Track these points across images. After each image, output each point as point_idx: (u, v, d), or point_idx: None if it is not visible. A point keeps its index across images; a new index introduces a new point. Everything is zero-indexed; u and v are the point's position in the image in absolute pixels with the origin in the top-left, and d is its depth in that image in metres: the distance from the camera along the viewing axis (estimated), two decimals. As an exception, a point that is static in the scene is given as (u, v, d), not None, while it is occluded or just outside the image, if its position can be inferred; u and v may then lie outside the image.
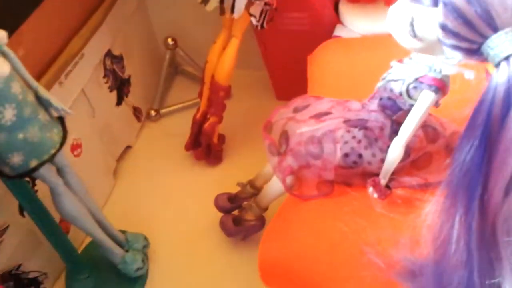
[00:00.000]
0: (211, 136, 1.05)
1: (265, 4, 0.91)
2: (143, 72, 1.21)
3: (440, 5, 0.45)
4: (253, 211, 0.85)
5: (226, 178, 1.08)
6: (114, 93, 1.09)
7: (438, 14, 0.46)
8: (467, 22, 0.44)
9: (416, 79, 0.59)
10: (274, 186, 0.78)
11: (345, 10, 0.99)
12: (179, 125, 1.21)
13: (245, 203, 0.87)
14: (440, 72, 0.57)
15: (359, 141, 0.67)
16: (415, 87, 0.59)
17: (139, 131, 1.20)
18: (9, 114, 0.60)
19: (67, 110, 0.68)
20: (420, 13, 0.49)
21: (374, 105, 0.65)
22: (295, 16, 1.00)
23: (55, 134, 0.67)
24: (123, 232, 0.93)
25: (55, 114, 0.69)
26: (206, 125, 1.04)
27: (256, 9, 0.91)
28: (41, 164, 0.66)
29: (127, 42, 1.13)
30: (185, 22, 1.22)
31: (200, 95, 1.06)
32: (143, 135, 1.21)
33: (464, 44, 0.46)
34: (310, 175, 0.68)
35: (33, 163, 0.65)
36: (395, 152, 0.62)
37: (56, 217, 0.82)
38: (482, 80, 0.68)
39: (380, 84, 0.65)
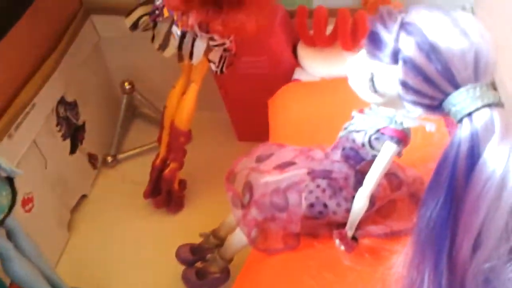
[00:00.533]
0: (172, 183, 1.02)
1: (224, 50, 0.90)
2: (99, 117, 1.17)
3: (400, 62, 0.46)
4: (217, 263, 0.82)
5: (188, 226, 1.04)
6: (68, 141, 1.04)
7: (398, 71, 0.46)
8: (427, 79, 0.44)
9: (378, 130, 0.59)
10: (239, 237, 0.75)
11: (303, 53, 0.99)
12: (137, 171, 1.17)
13: (209, 255, 0.83)
14: (402, 124, 0.57)
15: (324, 190, 0.65)
16: (377, 138, 0.59)
17: (94, 179, 1.15)
18: None
19: (16, 171, 0.64)
20: (379, 70, 0.49)
21: (337, 155, 0.64)
22: (253, 60, 1.00)
23: (4, 197, 0.63)
24: None
25: (2, 174, 0.64)
26: (166, 171, 1.01)
27: (215, 55, 0.89)
28: None
29: (81, 88, 1.09)
30: (141, 65, 1.20)
31: (159, 140, 1.03)
32: (99, 182, 1.16)
33: (425, 101, 0.46)
34: (275, 227, 0.66)
35: None
36: (361, 202, 0.61)
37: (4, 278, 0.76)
38: (443, 132, 0.69)
39: (342, 133, 0.65)
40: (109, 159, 1.17)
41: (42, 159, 0.95)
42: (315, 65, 0.97)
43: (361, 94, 0.54)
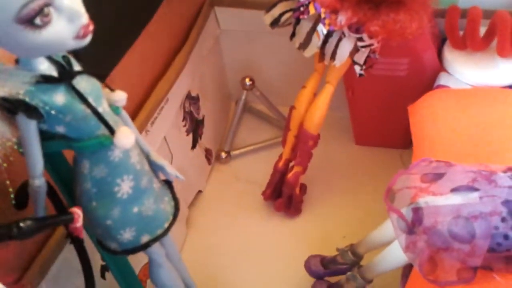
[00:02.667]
0: (294, 187, 0.97)
1: (371, 51, 0.83)
2: (214, 112, 1.14)
3: None
4: (356, 282, 0.77)
5: (308, 232, 1.00)
6: (190, 136, 1.02)
7: None
8: None
9: None
10: (391, 260, 0.70)
11: (451, 57, 0.91)
12: (250, 169, 1.14)
13: (348, 273, 0.78)
14: None
15: (504, 219, 0.58)
16: None
17: (209, 174, 1.13)
18: (126, 186, 0.54)
19: (180, 176, 0.61)
20: None
21: (533, 184, 0.57)
22: (393, 62, 0.93)
23: (167, 203, 0.60)
24: None
25: (162, 177, 0.62)
26: (290, 175, 0.96)
27: (361, 57, 0.83)
28: (154, 240, 0.58)
29: (203, 82, 1.06)
30: (258, 61, 1.16)
31: (284, 142, 0.98)
32: (212, 178, 1.13)
33: None
34: (449, 259, 0.60)
35: (145, 238, 0.58)
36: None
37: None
38: None
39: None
40: (223, 154, 1.14)
41: (169, 154, 0.93)
42: (465, 71, 0.88)
43: None
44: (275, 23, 0.87)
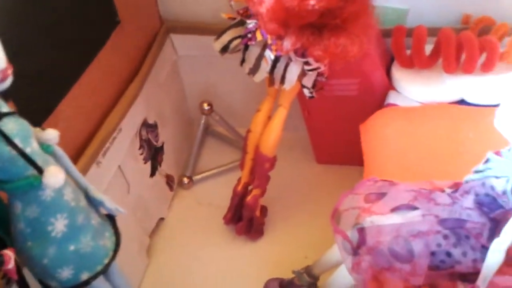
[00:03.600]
0: (255, 210, 0.98)
1: (318, 74, 0.84)
2: (175, 138, 1.14)
3: None
4: (313, 304, 0.77)
5: (270, 254, 1.00)
6: (148, 164, 1.01)
7: None
8: None
9: (525, 178, 0.52)
10: (341, 281, 0.70)
11: (399, 75, 0.93)
12: (213, 193, 1.14)
13: (303, 295, 0.78)
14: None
15: (446, 237, 0.59)
16: (523, 187, 0.52)
17: (171, 201, 1.13)
18: (61, 225, 0.53)
19: (120, 210, 0.61)
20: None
21: (468, 201, 0.58)
22: (344, 83, 0.94)
23: (107, 239, 0.60)
24: None
25: (103, 211, 0.62)
26: (249, 198, 0.97)
27: (309, 80, 0.84)
28: (94, 277, 0.58)
29: (160, 109, 1.07)
30: (217, 85, 1.17)
31: (242, 165, 0.98)
32: (175, 205, 1.13)
33: None
34: (393, 278, 0.60)
35: (84, 276, 0.57)
36: (498, 256, 0.54)
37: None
38: None
39: (473, 177, 0.58)
40: (186, 180, 1.14)
41: (125, 184, 0.92)
42: (413, 89, 0.90)
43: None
44: (224, 49, 0.88)
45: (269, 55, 0.82)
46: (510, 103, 0.47)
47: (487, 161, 0.57)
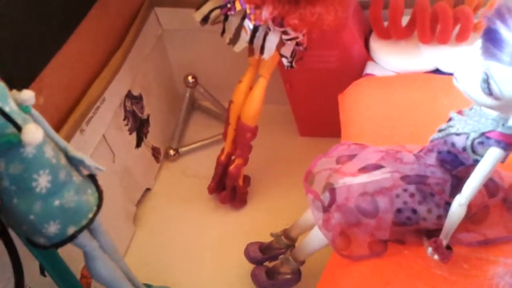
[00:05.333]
0: (237, 179, 1.00)
1: (297, 44, 0.86)
2: (161, 111, 1.16)
3: (528, 64, 0.41)
4: (290, 264, 0.80)
5: (251, 222, 1.03)
6: (134, 135, 1.04)
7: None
8: None
9: (483, 134, 0.54)
10: (315, 239, 0.73)
11: (376, 46, 0.95)
12: (199, 165, 1.16)
13: (281, 256, 0.81)
14: (511, 128, 0.52)
15: (412, 195, 0.62)
16: (481, 143, 0.55)
17: (157, 172, 1.15)
18: (44, 181, 0.56)
19: (100, 168, 0.64)
20: (497, 71, 0.45)
21: (431, 159, 0.61)
22: (323, 54, 0.96)
23: (90, 195, 0.62)
24: (148, 286, 0.87)
25: (85, 172, 0.64)
26: (232, 167, 0.99)
27: (287, 50, 0.86)
28: (80, 230, 0.61)
29: (146, 81, 1.09)
30: (203, 59, 1.19)
31: (225, 136, 1.01)
32: (162, 176, 1.16)
33: None
34: (361, 233, 0.63)
35: (71, 230, 0.60)
36: (459, 211, 0.57)
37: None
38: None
39: (437, 136, 0.61)
40: (172, 152, 1.16)
41: (110, 153, 0.95)
42: (390, 59, 0.92)
43: (470, 96, 0.50)
44: (205, 20, 0.90)
45: (248, 24, 0.84)
46: (466, 61, 0.49)
47: (450, 120, 0.60)
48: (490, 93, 0.46)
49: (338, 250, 0.63)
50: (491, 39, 0.44)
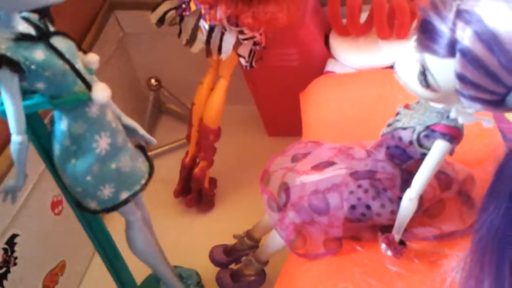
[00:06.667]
0: (202, 182, 0.99)
1: (254, 43, 0.86)
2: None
3: (457, 54, 0.41)
4: (253, 266, 0.79)
5: (219, 225, 1.02)
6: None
7: (456, 64, 0.42)
8: (489, 72, 0.40)
9: (428, 127, 0.54)
10: (275, 240, 0.72)
11: (336, 43, 0.95)
12: (166, 169, 1.14)
13: (243, 258, 0.80)
14: (455, 120, 0.52)
15: (366, 191, 0.61)
16: (427, 136, 0.54)
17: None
18: (104, 143, 0.57)
19: (152, 139, 0.66)
20: (432, 63, 0.44)
21: (381, 154, 0.60)
22: (283, 52, 0.96)
23: (141, 163, 0.63)
24: (177, 267, 0.89)
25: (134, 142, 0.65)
26: (196, 170, 0.98)
27: (244, 49, 0.86)
28: (133, 195, 0.62)
29: (108, 86, 1.06)
30: (167, 61, 1.17)
31: (188, 138, 1.00)
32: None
33: (485, 96, 0.41)
34: (315, 231, 0.63)
35: (124, 195, 0.61)
36: (409, 205, 0.57)
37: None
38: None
39: (386, 131, 0.60)
40: (138, 157, 1.14)
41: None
42: (349, 56, 0.92)
43: (410, 89, 0.49)
44: (161, 21, 0.89)
45: (204, 25, 0.83)
46: (404, 54, 0.49)
47: (397, 114, 0.59)
48: (427, 85, 0.46)
49: (293, 249, 0.63)
50: (425, 30, 0.44)
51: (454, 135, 0.52)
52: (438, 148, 0.53)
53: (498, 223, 0.41)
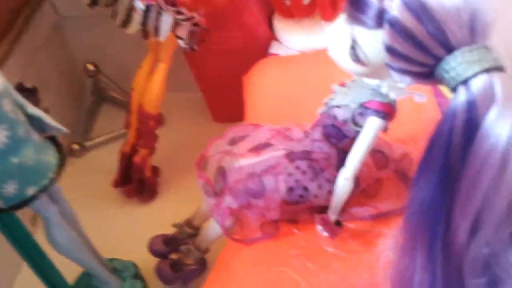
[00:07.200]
0: (143, 170, 0.95)
1: (194, 24, 0.82)
2: (62, 104, 1.09)
3: (386, 25, 0.40)
4: (193, 255, 0.76)
5: (163, 215, 0.97)
6: (29, 129, 0.96)
7: (384, 36, 0.40)
8: (417, 43, 0.38)
9: (361, 105, 0.53)
10: (214, 227, 0.70)
11: (279, 26, 0.93)
12: (107, 158, 1.09)
13: (183, 246, 0.77)
14: (387, 96, 0.51)
15: (304, 172, 0.60)
16: (360, 114, 0.53)
17: (62, 168, 1.08)
18: (2, 136, 0.51)
19: (61, 128, 0.60)
20: (362, 36, 0.43)
21: (317, 133, 0.59)
22: (227, 35, 0.93)
23: (51, 156, 0.58)
24: (112, 260, 0.85)
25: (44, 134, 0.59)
26: (137, 158, 0.94)
27: (183, 31, 0.82)
28: (41, 190, 0.56)
29: (42, 72, 1.01)
30: (106, 46, 1.12)
31: (128, 125, 0.96)
32: (67, 173, 1.07)
33: (415, 68, 0.40)
34: (252, 215, 0.60)
35: (31, 190, 0.56)
36: (344, 185, 0.56)
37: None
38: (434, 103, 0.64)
39: (322, 110, 0.59)
40: (75, 147, 1.09)
41: None
42: (293, 38, 0.90)
43: (342, 65, 0.48)
44: (94, 3, 0.84)
45: (139, 5, 0.79)
46: (335, 29, 0.47)
47: (333, 93, 0.58)
48: (357, 59, 0.44)
49: (229, 235, 0.60)
50: (354, 1, 0.42)
51: (387, 111, 0.51)
52: (371, 125, 0.52)
53: (429, 199, 0.40)
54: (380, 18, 0.40)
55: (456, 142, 0.36)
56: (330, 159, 0.58)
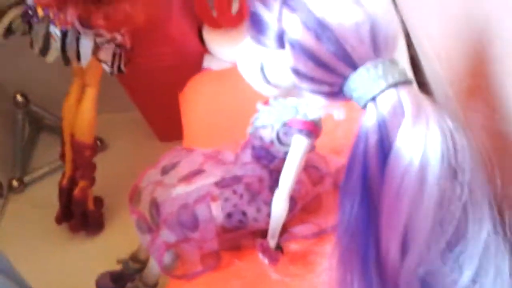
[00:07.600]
0: (85, 203, 0.90)
1: (117, 46, 0.78)
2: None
3: (287, 46, 0.37)
4: (141, 291, 0.72)
5: (111, 248, 0.92)
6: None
7: (288, 57, 0.37)
8: (320, 63, 0.36)
9: (285, 124, 0.50)
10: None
11: (209, 38, 0.89)
12: (48, 192, 1.03)
13: (129, 284, 0.73)
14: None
15: (241, 196, 0.57)
16: (285, 133, 0.50)
17: (3, 207, 1.02)
18: None
19: None
20: (268, 58, 0.40)
21: (247, 156, 0.56)
22: (156, 52, 0.89)
23: None
24: None
25: None
26: (76, 191, 0.89)
27: (106, 54, 0.78)
28: None
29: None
30: (33, 73, 1.06)
31: (63, 157, 0.90)
32: (8, 211, 1.02)
33: (323, 88, 0.38)
34: (190, 249, 0.57)
35: None
36: (280, 206, 0.53)
37: None
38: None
39: (250, 130, 0.56)
40: (15, 183, 1.03)
41: None
42: (223, 49, 0.87)
43: (255, 87, 0.45)
44: (9, 32, 0.79)
45: (55, 31, 0.75)
46: (245, 50, 0.45)
47: (258, 112, 0.55)
48: (267, 81, 0.42)
49: (167, 272, 0.57)
50: (254, 22, 0.39)
51: (310, 129, 0.49)
52: (297, 144, 0.49)
53: (355, 219, 0.38)
54: (281, 39, 0.37)
55: (372, 162, 0.35)
56: (263, 181, 0.55)
